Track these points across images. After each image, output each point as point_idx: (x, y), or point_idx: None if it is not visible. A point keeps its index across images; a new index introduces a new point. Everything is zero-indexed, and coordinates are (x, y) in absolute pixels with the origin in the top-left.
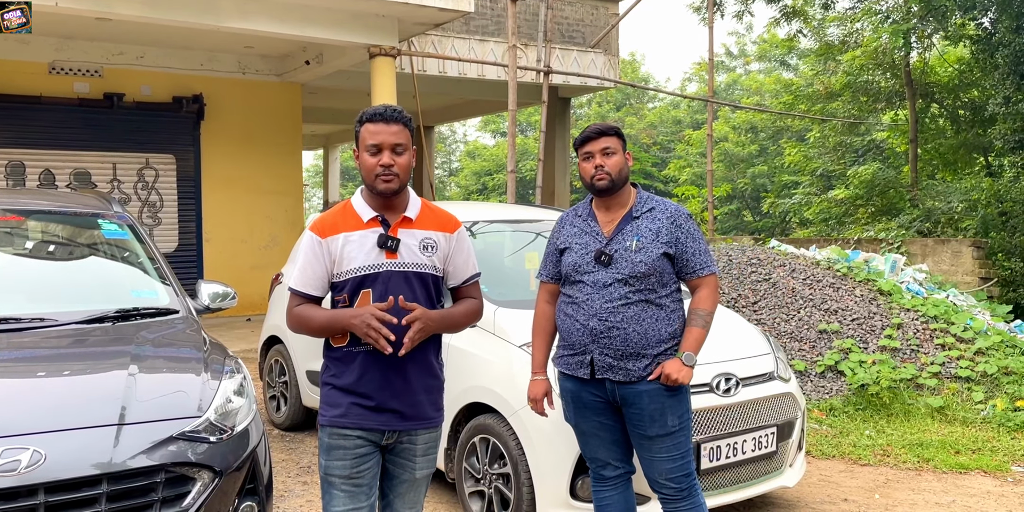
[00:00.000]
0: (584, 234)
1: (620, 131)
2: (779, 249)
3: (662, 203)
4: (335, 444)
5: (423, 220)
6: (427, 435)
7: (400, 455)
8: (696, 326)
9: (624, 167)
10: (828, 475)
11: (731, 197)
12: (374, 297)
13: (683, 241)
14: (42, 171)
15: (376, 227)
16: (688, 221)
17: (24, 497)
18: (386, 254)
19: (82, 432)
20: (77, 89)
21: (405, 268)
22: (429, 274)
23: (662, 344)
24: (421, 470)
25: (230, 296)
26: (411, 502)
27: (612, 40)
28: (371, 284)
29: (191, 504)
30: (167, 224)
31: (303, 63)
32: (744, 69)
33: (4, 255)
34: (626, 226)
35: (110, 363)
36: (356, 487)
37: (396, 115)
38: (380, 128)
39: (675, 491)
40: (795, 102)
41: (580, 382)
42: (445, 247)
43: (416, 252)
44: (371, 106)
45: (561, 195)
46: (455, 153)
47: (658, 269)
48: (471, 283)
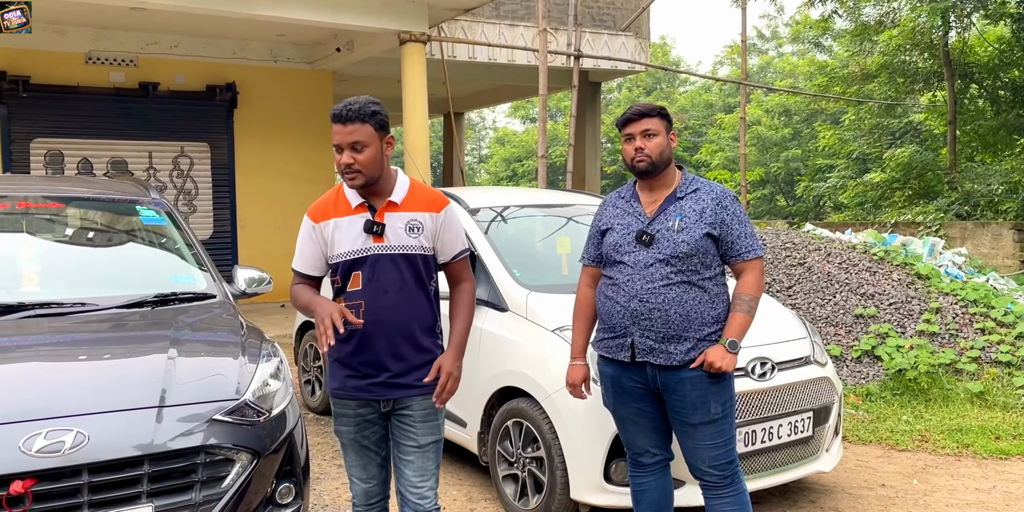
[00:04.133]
0: (626, 215)
1: (664, 112)
2: (813, 233)
3: (707, 184)
4: (339, 412)
5: (409, 202)
6: (424, 401)
7: (401, 422)
8: (741, 311)
9: (666, 149)
10: (865, 460)
11: (764, 181)
12: (363, 279)
13: (728, 223)
14: (80, 160)
15: (364, 212)
16: (734, 203)
17: (68, 477)
18: (373, 238)
19: (124, 414)
20: (113, 79)
21: (392, 251)
22: (417, 255)
23: (705, 327)
24: (424, 437)
25: (266, 281)
26: (421, 469)
27: (643, 23)
28: (360, 267)
29: (230, 485)
30: (202, 211)
31: (334, 50)
32: (777, 52)
33: (46, 241)
34: (669, 206)
35: (150, 347)
36: (363, 448)
37: (352, 114)
38: (338, 129)
39: (718, 478)
40: (830, 84)
41: (620, 367)
42: (432, 226)
43: (402, 234)
44: (400, 93)
45: (592, 180)
46: (484, 140)
47: (701, 249)
48: (460, 259)
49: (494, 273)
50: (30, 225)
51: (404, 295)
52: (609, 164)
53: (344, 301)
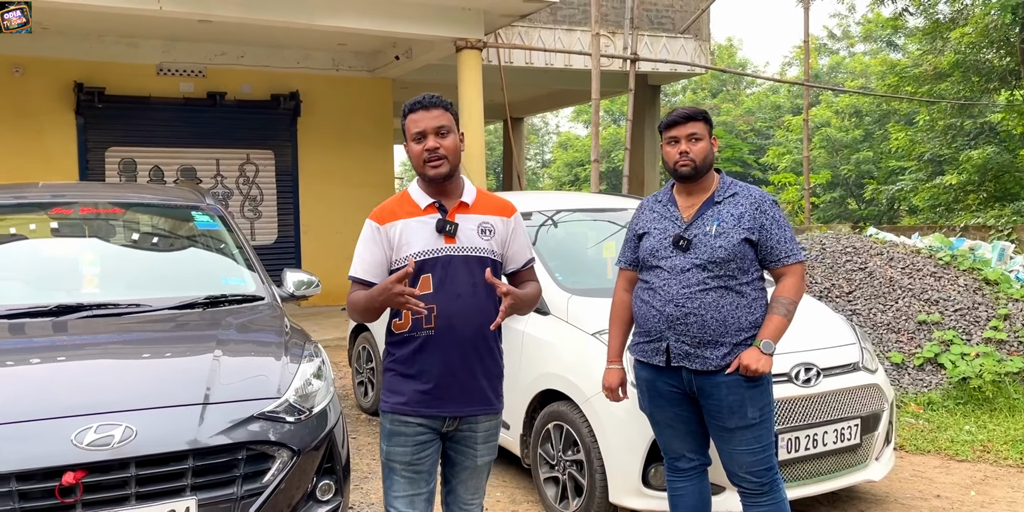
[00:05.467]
0: (663, 219)
1: (708, 116)
2: (876, 237)
3: (746, 188)
4: (396, 430)
5: (479, 205)
6: (488, 422)
7: (461, 442)
8: (777, 314)
9: (709, 154)
10: (922, 470)
11: (834, 184)
12: (434, 281)
13: (768, 227)
14: (152, 168)
15: (434, 213)
16: (773, 207)
17: (117, 470)
18: (445, 238)
19: (170, 410)
20: (183, 89)
21: (464, 252)
22: (488, 258)
23: (742, 332)
24: (483, 457)
25: (314, 284)
26: (473, 488)
27: (703, 25)
28: (431, 269)
29: (271, 481)
30: (267, 217)
31: (393, 58)
32: (848, 51)
33: (106, 245)
34: (707, 211)
35: (197, 346)
36: (416, 473)
37: (435, 101)
38: (421, 115)
39: (755, 485)
40: (900, 84)
41: (656, 371)
42: (503, 231)
43: (474, 236)
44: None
45: (650, 184)
46: (548, 144)
47: (738, 255)
48: (527, 268)
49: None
50: (92, 230)
51: (476, 300)
52: None
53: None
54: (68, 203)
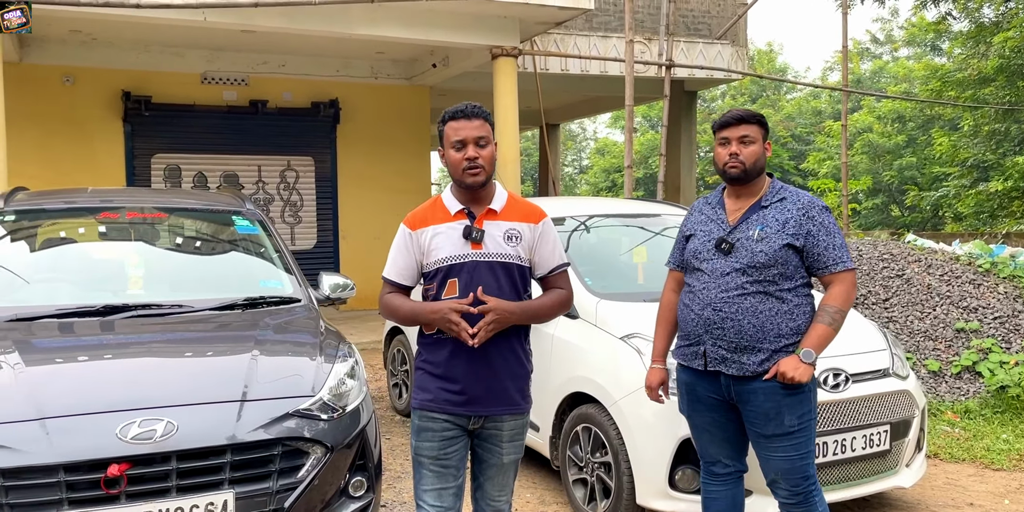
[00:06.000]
0: (710, 221)
1: (763, 119)
2: (914, 243)
3: (795, 194)
4: (424, 426)
5: (508, 212)
6: (513, 422)
7: (487, 440)
8: (822, 323)
9: (760, 157)
10: (955, 479)
11: (877, 190)
12: (460, 286)
13: (815, 234)
14: (196, 174)
15: (463, 219)
16: (823, 213)
17: (159, 463)
18: (471, 245)
19: (209, 406)
20: (226, 97)
21: (490, 258)
22: (514, 264)
23: (781, 339)
24: (508, 455)
25: (349, 287)
26: (500, 485)
27: (740, 31)
28: (457, 273)
29: (305, 476)
30: (307, 222)
31: (430, 66)
32: (891, 55)
33: (150, 248)
34: (752, 215)
35: (236, 346)
36: (444, 468)
37: (476, 111)
38: (462, 124)
39: (790, 494)
40: (942, 88)
41: (696, 374)
42: (530, 237)
43: (500, 242)
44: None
45: (686, 190)
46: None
47: (780, 260)
48: (558, 273)
49: None
50: (137, 233)
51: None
52: (712, 174)
53: None
54: (115, 208)
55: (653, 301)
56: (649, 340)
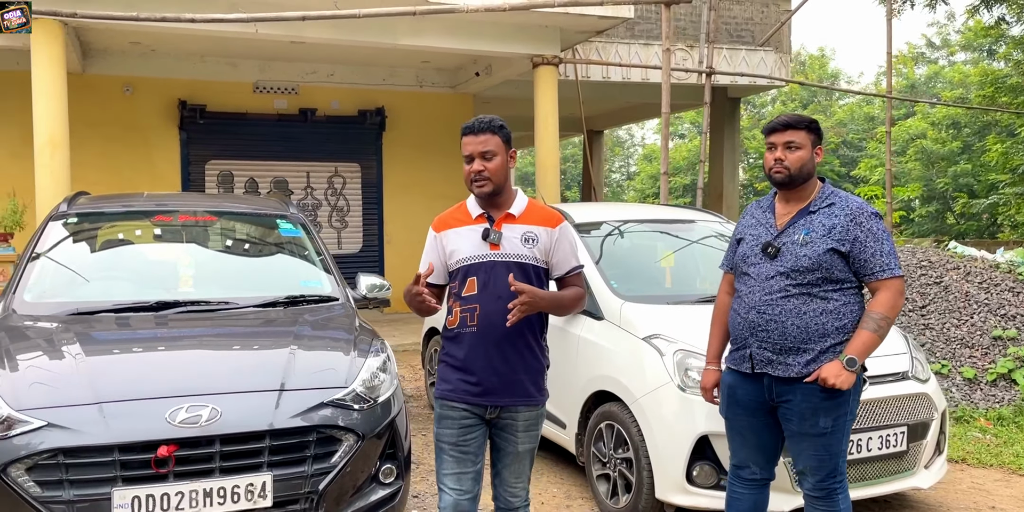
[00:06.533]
0: (759, 225)
1: (813, 125)
2: (954, 251)
3: (845, 199)
4: (444, 414)
5: (526, 216)
6: (528, 412)
7: (504, 430)
8: (867, 329)
9: (807, 163)
10: (981, 483)
11: (931, 198)
12: (478, 284)
13: (862, 240)
14: (247, 180)
15: (482, 223)
16: (871, 220)
17: (204, 446)
18: (490, 246)
19: (250, 395)
20: (277, 105)
21: (507, 258)
22: (530, 264)
23: (827, 338)
24: (523, 444)
25: (385, 288)
26: (517, 473)
27: (783, 38)
28: (476, 272)
29: (338, 462)
30: (352, 227)
31: (473, 75)
32: (948, 60)
33: (200, 248)
34: (800, 219)
35: (276, 341)
36: (463, 454)
37: (483, 126)
38: (470, 139)
39: (815, 487)
40: (995, 94)
41: (740, 377)
42: (547, 240)
43: (517, 244)
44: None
45: (729, 196)
46: (632, 156)
47: (824, 265)
48: (574, 274)
49: (592, 283)
50: (189, 235)
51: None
52: (762, 180)
53: (460, 305)
54: (169, 211)
55: (678, 304)
56: (670, 341)
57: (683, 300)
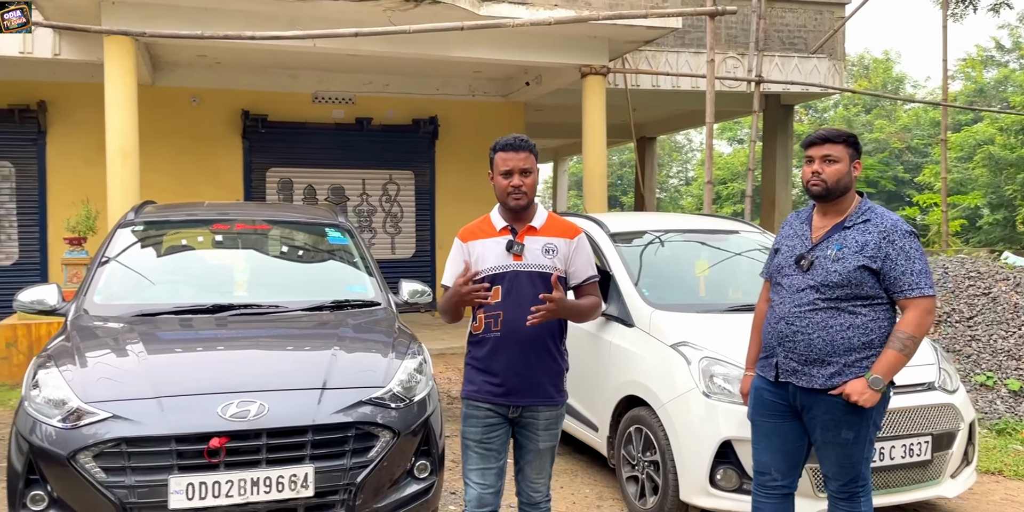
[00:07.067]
0: (795, 237)
1: (852, 139)
2: (1005, 261)
3: (881, 216)
4: (469, 413)
5: (547, 229)
6: (548, 412)
7: (525, 428)
8: (893, 349)
9: (844, 177)
10: (1014, 495)
11: (999, 205)
12: (502, 292)
13: (893, 258)
14: (305, 187)
15: (506, 235)
16: (904, 238)
17: (252, 438)
18: (513, 257)
19: (295, 392)
20: (334, 115)
21: (529, 268)
22: (550, 274)
23: (853, 352)
24: (544, 442)
25: (426, 294)
26: (538, 469)
27: (837, 44)
28: (500, 281)
29: (375, 456)
30: (406, 233)
31: (524, 84)
32: (1019, 63)
33: (255, 255)
34: (834, 234)
35: (320, 342)
36: (487, 451)
37: (523, 144)
38: (511, 156)
39: (836, 489)
40: None
41: (768, 382)
42: (565, 250)
43: (539, 255)
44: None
45: (782, 204)
46: (690, 162)
47: (854, 281)
48: (590, 283)
49: (624, 291)
50: (244, 242)
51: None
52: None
53: (484, 311)
54: (227, 220)
55: (707, 312)
56: (697, 348)
57: (713, 309)
